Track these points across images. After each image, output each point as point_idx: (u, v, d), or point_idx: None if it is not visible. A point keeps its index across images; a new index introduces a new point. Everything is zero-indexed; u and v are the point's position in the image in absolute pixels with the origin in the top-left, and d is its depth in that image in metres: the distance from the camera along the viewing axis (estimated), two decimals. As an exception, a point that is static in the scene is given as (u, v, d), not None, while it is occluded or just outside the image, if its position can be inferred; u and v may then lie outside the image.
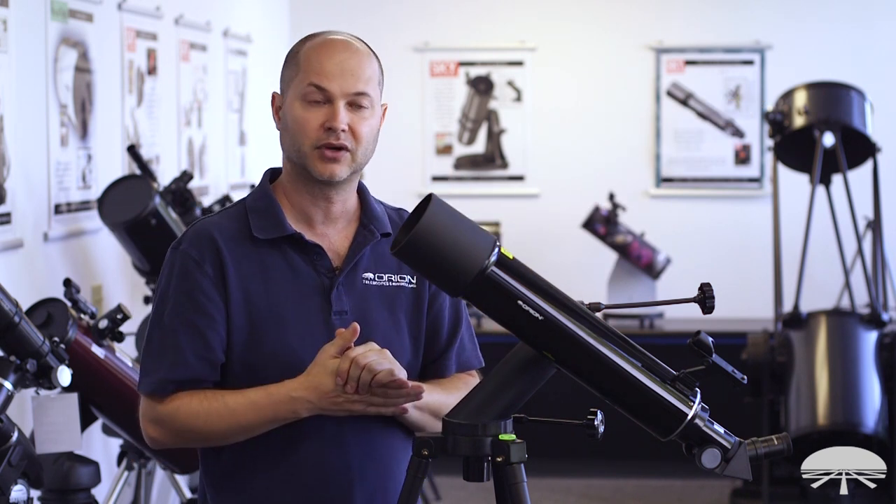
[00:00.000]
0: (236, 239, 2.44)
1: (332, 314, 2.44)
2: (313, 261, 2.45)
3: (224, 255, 2.43)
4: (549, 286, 2.26)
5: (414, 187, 8.14)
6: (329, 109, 2.41)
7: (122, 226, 4.62)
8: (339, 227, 2.50)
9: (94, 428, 4.62)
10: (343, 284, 2.45)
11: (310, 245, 2.46)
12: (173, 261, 2.45)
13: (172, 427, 2.42)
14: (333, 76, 2.41)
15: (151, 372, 2.43)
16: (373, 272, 2.49)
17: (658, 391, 2.25)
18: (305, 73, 2.43)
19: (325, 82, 2.41)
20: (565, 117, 8.26)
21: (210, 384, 2.43)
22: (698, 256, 8.03)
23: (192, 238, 2.45)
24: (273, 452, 2.43)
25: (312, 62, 2.43)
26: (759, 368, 5.93)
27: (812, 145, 6.20)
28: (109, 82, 5.11)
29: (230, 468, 2.47)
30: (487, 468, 2.29)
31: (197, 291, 2.41)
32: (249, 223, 2.46)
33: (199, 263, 2.42)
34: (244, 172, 7.12)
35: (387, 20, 8.26)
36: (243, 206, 2.50)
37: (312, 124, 2.41)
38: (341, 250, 2.48)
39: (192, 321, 2.40)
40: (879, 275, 6.37)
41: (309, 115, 2.42)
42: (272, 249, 2.45)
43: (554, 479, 6.95)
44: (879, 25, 8.15)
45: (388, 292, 2.49)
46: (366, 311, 2.46)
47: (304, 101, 2.42)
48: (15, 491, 3.09)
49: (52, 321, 3.45)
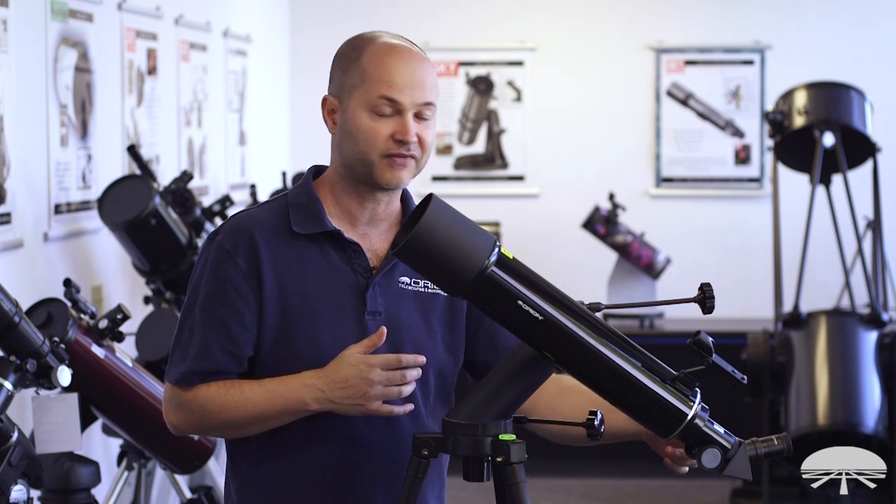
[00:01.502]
0: (274, 232, 2.44)
1: (365, 314, 2.43)
2: (350, 259, 2.45)
3: (259, 247, 2.42)
4: (549, 286, 2.26)
5: (414, 187, 8.08)
6: (399, 121, 2.40)
7: (122, 226, 4.62)
8: (381, 229, 2.50)
9: (94, 428, 4.62)
10: (379, 285, 2.45)
11: (348, 242, 2.45)
12: (208, 252, 2.45)
13: (192, 413, 2.42)
14: (404, 88, 2.39)
15: (178, 363, 2.43)
16: (410, 277, 2.48)
17: (658, 391, 2.25)
18: (374, 83, 2.40)
19: (398, 94, 2.39)
20: (565, 117, 8.26)
21: (234, 376, 2.42)
22: (698, 256, 8.03)
23: (228, 230, 2.45)
24: (298, 450, 2.43)
25: (381, 72, 2.40)
26: (759, 368, 5.93)
27: (812, 145, 6.20)
28: (109, 82, 5.11)
29: (255, 463, 2.47)
30: (487, 468, 2.30)
31: (227, 284, 2.41)
32: (289, 217, 2.45)
33: (232, 256, 2.41)
34: (244, 172, 7.12)
35: (386, 20, 8.26)
36: (284, 200, 2.49)
37: (382, 135, 2.40)
38: (381, 251, 2.48)
39: (219, 314, 2.40)
40: (879, 275, 6.37)
41: (379, 125, 2.40)
42: (310, 245, 2.44)
43: (554, 479, 6.95)
44: (880, 25, 8.15)
45: (424, 298, 2.49)
46: (399, 314, 2.46)
47: (373, 111, 2.40)
48: (15, 491, 3.09)
49: (52, 321, 3.45)
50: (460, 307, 2.52)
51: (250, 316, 2.41)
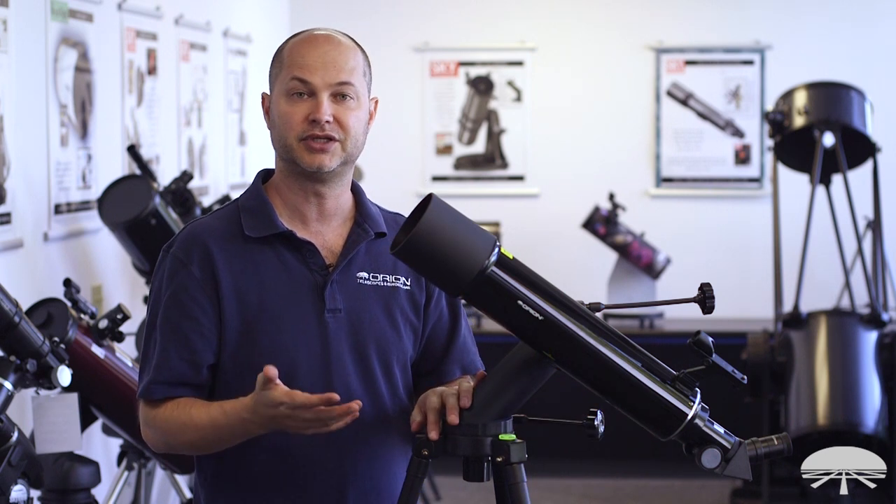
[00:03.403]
0: (227, 238, 2.44)
1: (325, 312, 2.43)
2: (306, 258, 2.44)
3: (214, 255, 2.42)
4: (549, 286, 2.26)
5: (414, 187, 8.14)
6: (313, 102, 2.41)
7: (122, 226, 4.62)
8: (333, 226, 2.49)
9: (94, 428, 4.62)
10: (337, 282, 2.44)
11: (301, 242, 2.45)
12: (164, 264, 2.45)
13: (157, 431, 2.42)
14: (315, 68, 2.40)
15: (143, 377, 2.44)
16: (367, 272, 2.48)
17: (658, 391, 2.25)
18: (289, 67, 2.43)
19: (308, 74, 2.40)
20: (565, 117, 8.26)
21: (195, 386, 2.42)
22: (698, 256, 8.03)
23: (181, 240, 2.45)
24: (266, 450, 2.42)
25: (295, 56, 2.43)
26: (759, 368, 5.93)
27: (812, 145, 6.20)
28: (109, 82, 5.11)
29: (222, 466, 2.46)
30: (487, 468, 2.30)
31: (183, 294, 2.41)
32: (241, 222, 2.46)
33: (186, 265, 2.41)
34: (244, 172, 7.12)
35: (387, 20, 8.26)
36: (235, 206, 2.50)
37: (297, 117, 2.41)
38: (335, 248, 2.48)
39: (176, 324, 2.40)
40: (879, 275, 6.36)
41: (293, 108, 2.41)
42: (264, 248, 2.44)
43: (554, 479, 6.95)
44: (880, 25, 8.15)
45: (384, 292, 2.48)
46: (361, 309, 2.45)
47: (288, 95, 2.42)
48: (15, 491, 3.09)
49: (52, 321, 3.45)
50: (420, 299, 2.52)
51: (208, 324, 2.40)
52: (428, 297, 2.52)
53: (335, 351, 2.42)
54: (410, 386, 2.53)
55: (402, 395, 2.49)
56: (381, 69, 7.95)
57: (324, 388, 2.38)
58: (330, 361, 2.42)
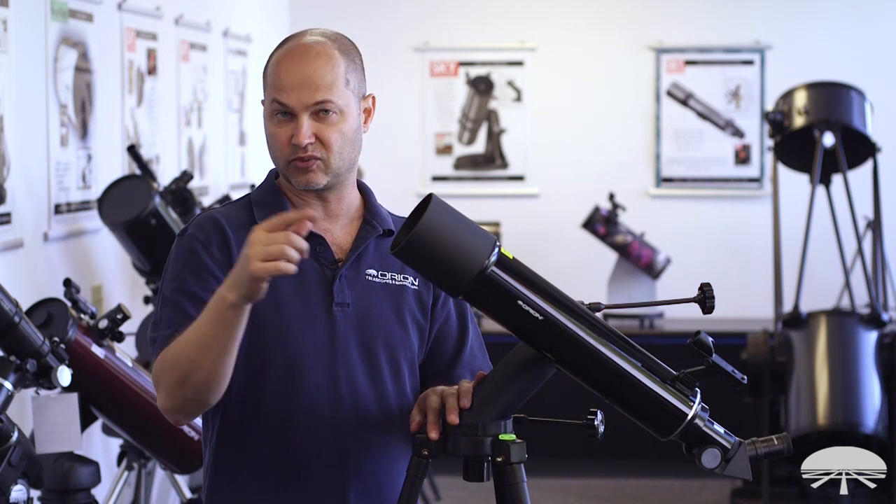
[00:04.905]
0: (241, 227, 2.43)
1: (333, 305, 2.43)
2: (316, 252, 2.44)
3: (230, 237, 2.42)
4: (549, 286, 2.26)
5: (414, 187, 8.14)
6: (295, 123, 2.40)
7: (122, 226, 4.62)
8: (341, 224, 2.50)
9: (94, 428, 4.62)
10: (346, 277, 2.45)
11: (312, 235, 2.44)
12: (179, 245, 2.44)
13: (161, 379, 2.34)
14: (292, 90, 2.39)
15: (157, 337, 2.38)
16: (376, 269, 2.48)
17: (658, 391, 2.25)
18: (270, 87, 2.43)
19: (285, 97, 2.40)
20: (565, 117, 8.26)
21: None
22: (698, 256, 8.03)
23: (197, 224, 2.45)
24: (269, 443, 2.42)
25: (274, 76, 2.42)
26: (759, 368, 5.93)
27: (812, 145, 6.20)
28: (109, 82, 5.11)
29: (226, 459, 2.46)
30: (487, 468, 2.30)
31: (202, 269, 2.39)
32: (254, 213, 2.46)
33: (207, 246, 2.41)
34: (244, 172, 7.12)
35: (387, 20, 8.27)
36: (248, 199, 2.52)
37: (282, 139, 2.41)
38: (345, 245, 2.48)
39: (193, 292, 2.37)
40: (879, 275, 6.37)
41: (278, 129, 2.42)
42: None
43: (554, 479, 6.95)
44: (879, 25, 8.15)
45: (393, 290, 2.49)
46: (368, 306, 2.46)
47: (273, 115, 2.42)
48: (15, 491, 3.09)
49: (52, 321, 3.45)
50: (427, 300, 2.52)
51: None
52: (435, 298, 2.53)
53: (342, 344, 2.42)
54: (418, 388, 2.52)
55: (409, 393, 2.49)
56: (381, 69, 8.02)
57: (329, 381, 2.40)
58: (336, 354, 2.43)
